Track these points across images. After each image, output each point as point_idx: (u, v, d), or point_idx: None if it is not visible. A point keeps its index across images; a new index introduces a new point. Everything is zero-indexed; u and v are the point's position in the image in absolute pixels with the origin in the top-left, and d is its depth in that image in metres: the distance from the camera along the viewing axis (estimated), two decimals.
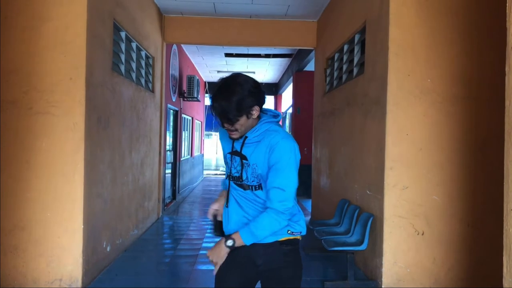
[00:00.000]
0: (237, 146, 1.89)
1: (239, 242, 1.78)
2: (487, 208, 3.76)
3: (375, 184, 4.00)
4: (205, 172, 16.45)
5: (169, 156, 8.66)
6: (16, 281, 3.61)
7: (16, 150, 3.60)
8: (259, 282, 1.92)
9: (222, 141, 2.01)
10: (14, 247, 3.61)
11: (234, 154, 1.89)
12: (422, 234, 3.80)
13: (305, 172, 9.37)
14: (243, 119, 1.78)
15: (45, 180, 3.63)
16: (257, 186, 1.83)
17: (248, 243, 1.78)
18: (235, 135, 1.84)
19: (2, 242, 3.58)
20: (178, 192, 9.34)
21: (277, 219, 1.75)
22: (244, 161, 1.85)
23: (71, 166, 3.65)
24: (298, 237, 1.89)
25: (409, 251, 3.80)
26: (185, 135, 10.79)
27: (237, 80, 1.77)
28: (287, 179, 1.76)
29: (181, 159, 9.99)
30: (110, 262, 4.49)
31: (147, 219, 6.34)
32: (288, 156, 1.77)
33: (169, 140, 8.66)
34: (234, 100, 1.72)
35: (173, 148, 9.07)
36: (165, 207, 7.84)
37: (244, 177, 1.85)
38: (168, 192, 8.58)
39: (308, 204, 8.41)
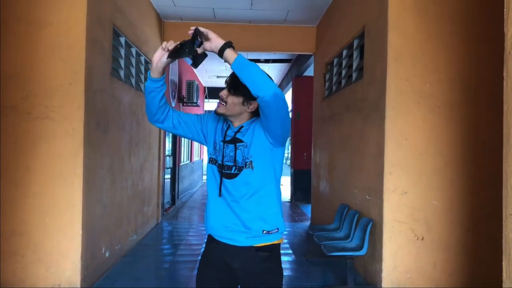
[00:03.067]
0: (231, 134, 1.87)
1: (232, 51, 1.65)
2: (487, 213, 3.76)
3: (375, 189, 4.00)
4: (204, 177, 16.41)
5: (169, 161, 8.66)
6: (15, 287, 3.59)
7: (15, 155, 3.59)
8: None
9: (211, 124, 1.95)
10: (12, 253, 3.60)
11: (228, 142, 1.85)
12: (422, 239, 3.79)
13: (304, 177, 9.39)
14: (239, 99, 1.80)
15: (44, 185, 3.62)
16: (250, 162, 1.80)
17: (237, 61, 1.63)
18: (221, 109, 1.83)
19: (0, 248, 3.56)
20: (178, 197, 9.32)
21: (270, 80, 1.67)
22: (238, 144, 1.82)
23: (70, 171, 3.65)
24: (278, 241, 1.84)
25: (409, 256, 3.79)
26: (184, 140, 10.79)
27: None
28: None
29: (181, 164, 9.98)
30: (109, 267, 4.47)
31: (146, 224, 6.32)
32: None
33: (168, 145, 8.66)
34: None
35: (172, 153, 9.06)
36: (164, 212, 7.83)
37: (239, 160, 1.81)
38: (167, 197, 8.57)
39: (308, 209, 8.40)
